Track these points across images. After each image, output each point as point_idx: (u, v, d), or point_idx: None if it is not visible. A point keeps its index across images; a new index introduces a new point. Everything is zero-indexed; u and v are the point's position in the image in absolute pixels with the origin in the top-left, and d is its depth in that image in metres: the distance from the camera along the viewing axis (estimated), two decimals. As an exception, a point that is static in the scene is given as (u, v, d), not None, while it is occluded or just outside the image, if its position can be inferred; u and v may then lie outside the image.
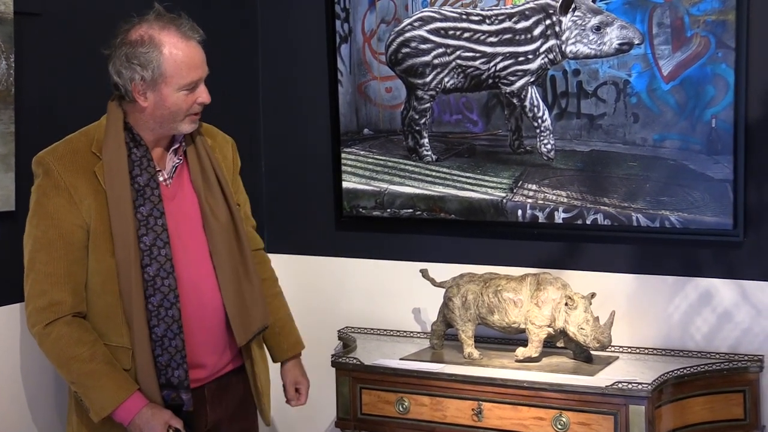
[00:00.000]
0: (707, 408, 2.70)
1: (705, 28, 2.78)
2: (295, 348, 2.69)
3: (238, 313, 2.41)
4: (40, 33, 2.70)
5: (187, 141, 2.42)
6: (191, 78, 2.30)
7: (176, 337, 2.30)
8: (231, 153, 2.57)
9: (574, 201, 2.99)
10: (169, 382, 2.31)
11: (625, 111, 2.90)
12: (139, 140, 2.33)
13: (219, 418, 2.46)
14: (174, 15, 2.32)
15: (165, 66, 2.26)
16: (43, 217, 2.28)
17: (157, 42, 2.26)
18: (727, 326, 2.86)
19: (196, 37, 2.32)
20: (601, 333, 2.72)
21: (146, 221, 2.30)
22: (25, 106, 2.64)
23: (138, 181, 2.31)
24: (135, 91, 2.28)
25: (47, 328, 2.26)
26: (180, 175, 2.41)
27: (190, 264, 2.36)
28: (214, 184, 2.42)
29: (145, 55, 2.25)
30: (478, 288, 2.87)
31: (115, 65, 2.29)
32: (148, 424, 2.25)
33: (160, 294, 2.29)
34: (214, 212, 2.40)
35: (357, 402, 2.90)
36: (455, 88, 3.13)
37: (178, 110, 2.31)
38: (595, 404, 2.59)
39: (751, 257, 2.81)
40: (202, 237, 2.39)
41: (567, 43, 2.94)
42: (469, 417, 2.74)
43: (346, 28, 3.28)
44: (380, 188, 3.28)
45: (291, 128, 3.47)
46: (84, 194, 2.27)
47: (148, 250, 2.29)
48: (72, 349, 2.25)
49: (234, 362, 2.49)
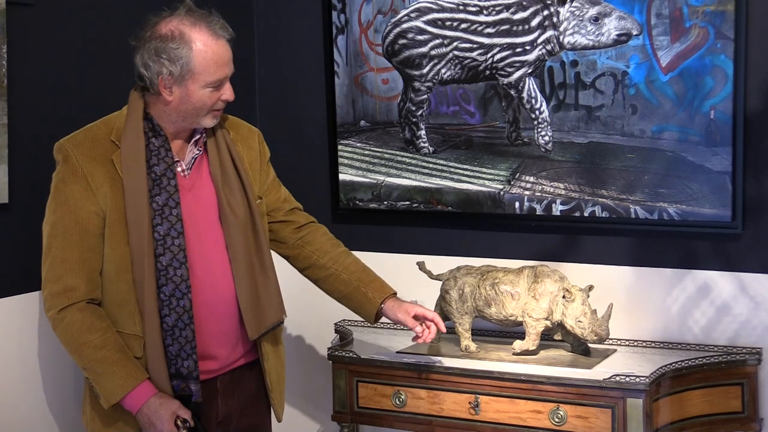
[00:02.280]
0: (705, 401, 2.70)
1: (704, 18, 2.76)
2: (383, 292, 2.60)
3: (251, 307, 2.41)
4: (32, 23, 2.69)
5: (208, 133, 2.43)
6: (218, 76, 2.31)
7: (186, 328, 2.31)
8: (257, 143, 2.57)
9: (572, 193, 2.98)
10: (178, 372, 2.33)
11: (623, 102, 2.88)
12: (159, 130, 2.35)
13: (230, 411, 2.47)
14: (205, 11, 2.33)
15: (194, 63, 2.27)
16: (60, 204, 2.30)
17: (188, 38, 2.27)
18: (726, 319, 2.85)
19: (226, 36, 2.33)
20: (599, 326, 2.71)
21: (161, 211, 2.31)
22: (18, 97, 2.63)
23: (155, 171, 2.32)
24: (161, 85, 2.30)
25: (61, 313, 2.28)
26: (199, 166, 2.42)
27: (204, 255, 2.37)
28: (232, 178, 2.43)
29: (175, 50, 2.26)
30: (475, 281, 2.86)
31: (143, 57, 2.30)
32: (156, 413, 2.26)
33: (172, 284, 2.31)
34: (231, 205, 2.41)
35: (354, 395, 2.89)
36: (452, 79, 3.11)
37: (203, 106, 2.33)
38: (592, 397, 2.58)
39: (750, 249, 2.80)
40: (218, 229, 2.40)
41: (565, 34, 2.92)
42: (466, 410, 2.73)
43: (343, 19, 3.26)
44: (377, 180, 3.27)
45: (287, 120, 3.46)
46: (101, 182, 2.29)
47: (162, 240, 2.30)
48: (84, 335, 2.27)
49: (247, 356, 2.49)
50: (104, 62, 2.91)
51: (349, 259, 2.66)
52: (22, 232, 2.67)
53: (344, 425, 2.94)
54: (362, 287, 2.61)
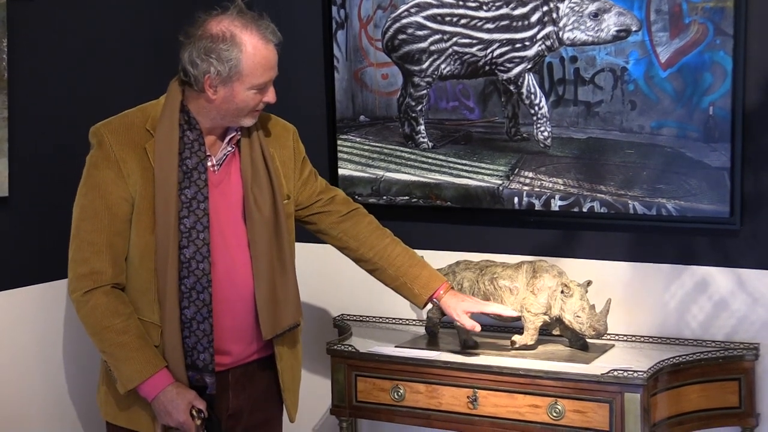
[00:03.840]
0: (703, 396, 2.71)
1: (703, 15, 2.76)
2: (428, 288, 2.63)
3: (267, 306, 2.41)
4: (32, 18, 2.69)
5: (242, 132, 2.43)
6: (265, 79, 2.33)
7: (205, 321, 2.32)
8: (292, 141, 2.57)
9: (571, 188, 2.99)
10: (194, 364, 2.34)
11: (622, 98, 2.88)
12: (195, 124, 2.35)
13: (241, 405, 2.47)
14: (256, 14, 2.34)
15: (243, 65, 2.28)
16: (91, 188, 2.31)
17: (239, 40, 2.28)
18: (723, 314, 2.86)
19: (275, 40, 2.34)
20: (597, 321, 2.72)
21: (189, 204, 2.32)
22: (18, 91, 2.63)
23: (187, 164, 2.33)
24: (207, 84, 2.30)
25: (86, 296, 2.29)
26: (229, 164, 2.42)
27: (227, 251, 2.38)
28: (262, 177, 2.42)
29: (225, 51, 2.27)
30: (474, 275, 2.86)
31: (191, 55, 2.29)
32: (173, 402, 2.28)
33: (194, 276, 2.31)
34: (258, 204, 2.41)
35: (352, 389, 2.90)
36: (452, 74, 3.12)
37: (245, 107, 2.34)
38: (590, 392, 2.59)
39: (748, 245, 2.81)
40: (242, 227, 2.41)
41: (564, 30, 2.93)
42: (465, 405, 2.74)
43: (343, 14, 3.26)
44: (376, 175, 3.27)
45: (287, 115, 3.43)
46: (132, 169, 2.30)
47: (187, 233, 2.31)
48: (107, 319, 2.28)
49: (261, 352, 2.48)
50: (104, 57, 2.91)
51: (396, 251, 2.65)
52: (22, 225, 2.68)
53: (343, 419, 2.95)
54: (408, 283, 2.63)
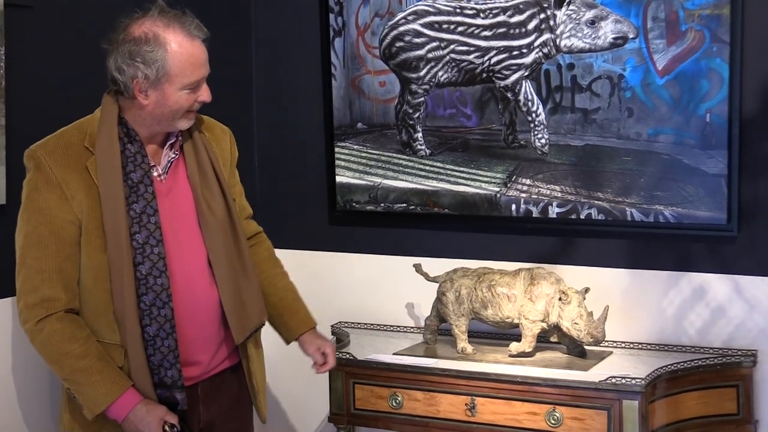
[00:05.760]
0: (701, 403, 2.71)
1: (700, 22, 2.77)
2: (303, 326, 2.61)
3: (235, 311, 2.37)
4: (30, 25, 2.69)
5: (184, 136, 2.38)
6: (195, 77, 2.25)
7: (169, 337, 2.26)
8: (228, 144, 2.52)
9: (568, 195, 2.99)
10: (162, 381, 2.28)
11: (619, 105, 2.89)
12: (134, 135, 2.29)
13: (212, 417, 2.44)
14: (178, 11, 2.26)
15: (170, 65, 2.21)
16: (34, 213, 2.23)
17: (162, 40, 2.20)
18: (721, 321, 2.86)
19: (201, 36, 2.26)
20: (595, 328, 2.72)
21: (139, 218, 2.26)
22: (15, 99, 2.63)
23: (131, 178, 2.27)
24: (136, 89, 2.23)
25: (39, 324, 2.22)
26: (175, 170, 2.36)
27: (185, 261, 2.33)
28: (211, 179, 2.38)
29: (150, 53, 2.20)
30: (472, 283, 2.86)
31: (116, 61, 2.23)
32: (143, 420, 2.22)
33: (152, 293, 2.25)
34: (211, 207, 2.36)
35: (350, 397, 2.89)
36: (449, 82, 3.12)
37: (179, 109, 2.27)
38: (588, 399, 2.59)
39: (745, 252, 2.81)
40: (198, 233, 2.35)
41: (561, 37, 2.93)
42: (463, 412, 2.74)
43: (340, 21, 3.26)
44: (374, 183, 3.27)
45: (284, 122, 3.46)
46: (76, 189, 2.23)
47: (140, 248, 2.25)
48: (64, 345, 2.21)
49: (229, 359, 2.46)
50: (102, 64, 2.90)
51: (283, 282, 2.63)
52: (20, 233, 2.67)
53: (341, 427, 2.95)
54: (285, 316, 2.59)
